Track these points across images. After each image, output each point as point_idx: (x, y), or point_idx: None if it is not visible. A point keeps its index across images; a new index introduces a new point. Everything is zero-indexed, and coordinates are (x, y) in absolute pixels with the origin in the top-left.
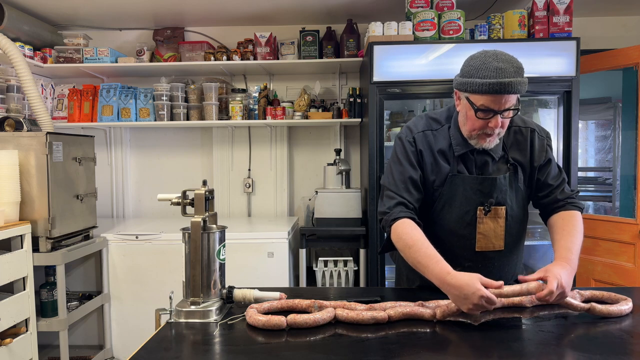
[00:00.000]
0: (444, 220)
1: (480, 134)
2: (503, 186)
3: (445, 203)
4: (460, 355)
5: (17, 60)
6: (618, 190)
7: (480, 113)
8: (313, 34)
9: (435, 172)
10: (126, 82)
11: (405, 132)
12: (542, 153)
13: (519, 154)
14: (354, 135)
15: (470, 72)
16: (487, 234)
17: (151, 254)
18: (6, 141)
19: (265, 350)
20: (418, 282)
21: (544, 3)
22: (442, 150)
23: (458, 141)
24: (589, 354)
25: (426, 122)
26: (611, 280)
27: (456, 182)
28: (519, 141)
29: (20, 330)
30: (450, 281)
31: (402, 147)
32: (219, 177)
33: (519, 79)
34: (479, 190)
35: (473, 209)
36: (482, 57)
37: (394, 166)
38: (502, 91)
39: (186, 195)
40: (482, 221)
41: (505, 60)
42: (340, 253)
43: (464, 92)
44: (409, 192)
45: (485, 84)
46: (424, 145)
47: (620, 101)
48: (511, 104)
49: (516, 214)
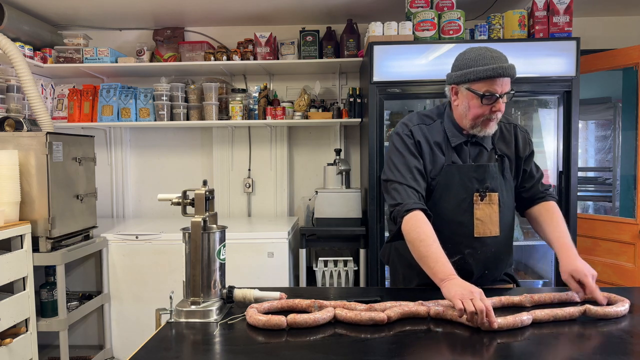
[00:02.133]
0: (442, 209)
1: (484, 119)
2: (494, 173)
3: (442, 192)
4: (460, 355)
5: (17, 60)
6: (618, 190)
7: (485, 99)
8: (313, 34)
9: (432, 163)
10: (126, 82)
11: (401, 127)
12: (526, 145)
13: (505, 146)
14: (354, 135)
15: (469, 64)
16: (484, 220)
17: (151, 254)
18: (6, 141)
19: (265, 350)
20: (416, 281)
21: (544, 3)
22: (437, 142)
23: (453, 133)
24: (589, 354)
25: (419, 117)
26: (611, 281)
27: (452, 171)
28: (504, 135)
29: (20, 330)
30: (457, 280)
31: (401, 140)
32: (219, 177)
33: (511, 64)
34: (474, 177)
35: (469, 196)
36: (475, 50)
37: (396, 159)
38: (503, 74)
39: (186, 195)
40: (478, 207)
41: (495, 51)
42: (340, 253)
43: (465, 84)
44: (416, 180)
45: (488, 70)
46: (420, 136)
47: (620, 101)
48: (508, 87)
49: (507, 201)
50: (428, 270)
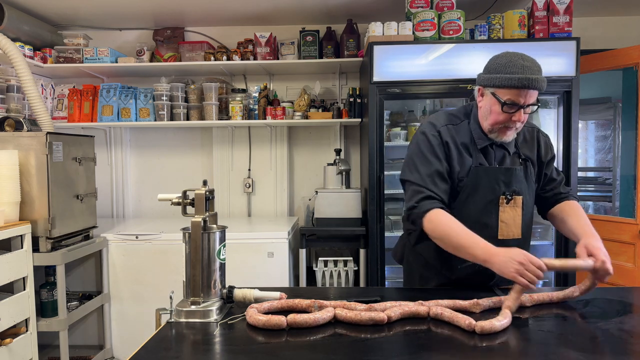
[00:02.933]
0: (469, 210)
1: (502, 127)
2: (520, 177)
3: (469, 193)
4: (460, 355)
5: (17, 60)
6: (618, 190)
7: (506, 107)
8: (313, 34)
9: (460, 164)
10: (126, 82)
11: (428, 126)
12: (547, 150)
13: (528, 150)
14: (354, 135)
15: (498, 69)
16: (508, 222)
17: (151, 254)
18: (6, 141)
19: (265, 350)
20: (434, 281)
21: (544, 3)
22: (464, 144)
23: (479, 135)
24: (589, 354)
25: (447, 117)
26: (611, 280)
27: (479, 173)
28: (526, 139)
29: (20, 330)
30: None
31: (427, 140)
32: (219, 177)
33: (542, 77)
34: (501, 180)
35: (496, 198)
36: (509, 56)
37: (419, 160)
38: (528, 86)
39: (186, 195)
40: (504, 210)
41: (530, 60)
42: (340, 253)
43: (490, 88)
44: (435, 184)
45: (514, 79)
46: (449, 137)
47: (620, 101)
48: (533, 100)
49: (529, 205)
50: (469, 257)
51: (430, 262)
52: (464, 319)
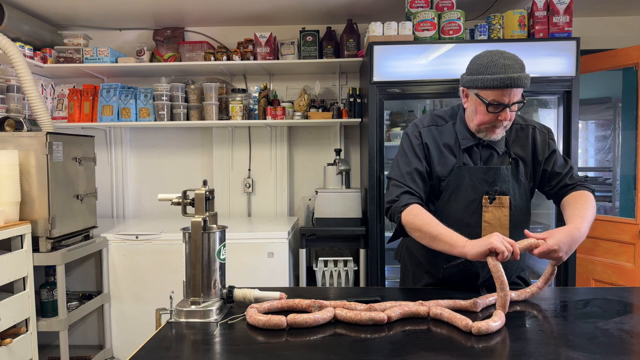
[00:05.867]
0: (451, 210)
1: (489, 126)
2: (506, 176)
3: (452, 193)
4: (460, 355)
5: (17, 60)
6: (618, 190)
7: (491, 107)
8: (313, 34)
9: (442, 164)
10: (126, 82)
11: (411, 127)
12: (544, 146)
13: (520, 149)
14: (354, 135)
15: (479, 70)
16: (493, 223)
17: (151, 254)
18: (6, 141)
19: (265, 350)
20: (425, 279)
21: (544, 3)
22: (447, 144)
23: (464, 135)
24: (589, 354)
25: (431, 118)
26: (611, 280)
27: (462, 173)
28: (520, 138)
29: (20, 330)
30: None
31: (409, 141)
32: (219, 177)
33: (524, 74)
34: (483, 179)
35: (479, 198)
36: (489, 55)
37: (400, 159)
38: (511, 85)
39: (186, 195)
40: (487, 209)
41: (511, 58)
42: (340, 253)
43: (474, 89)
44: (414, 182)
45: (496, 79)
46: (429, 138)
47: (620, 101)
48: (518, 97)
49: (519, 205)
50: (444, 246)
51: (423, 261)
52: (462, 320)
